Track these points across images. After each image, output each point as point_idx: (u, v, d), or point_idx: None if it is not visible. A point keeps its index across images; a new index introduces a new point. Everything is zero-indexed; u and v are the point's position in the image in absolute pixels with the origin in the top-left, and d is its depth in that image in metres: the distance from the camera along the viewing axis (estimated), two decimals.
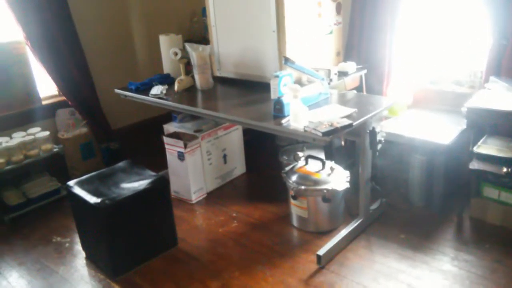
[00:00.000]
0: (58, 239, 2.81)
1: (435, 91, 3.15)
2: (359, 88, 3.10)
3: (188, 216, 2.97)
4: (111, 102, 3.72)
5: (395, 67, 3.16)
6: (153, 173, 2.55)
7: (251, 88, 2.82)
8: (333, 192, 2.55)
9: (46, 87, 3.58)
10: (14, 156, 3.04)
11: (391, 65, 3.15)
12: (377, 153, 2.50)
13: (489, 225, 2.60)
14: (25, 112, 3.38)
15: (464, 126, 2.70)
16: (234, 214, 2.93)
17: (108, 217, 2.27)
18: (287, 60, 2.37)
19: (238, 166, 3.45)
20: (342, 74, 2.87)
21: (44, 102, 3.53)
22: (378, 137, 2.44)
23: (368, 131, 2.40)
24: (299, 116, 2.13)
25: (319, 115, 2.24)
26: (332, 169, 2.63)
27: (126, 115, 4.00)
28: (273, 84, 2.53)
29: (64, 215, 3.03)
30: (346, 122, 2.10)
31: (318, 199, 2.57)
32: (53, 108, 3.56)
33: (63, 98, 3.54)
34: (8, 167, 3.01)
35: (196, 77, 2.93)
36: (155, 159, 3.47)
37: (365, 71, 3.06)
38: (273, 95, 2.55)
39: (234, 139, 3.38)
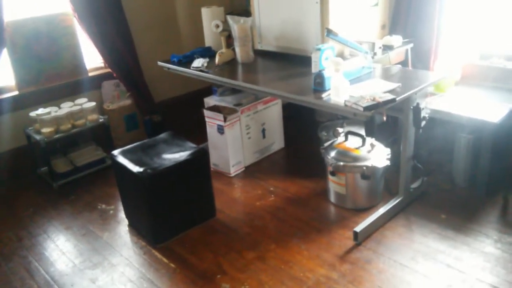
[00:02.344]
0: (103, 206, 2.93)
1: (484, 67, 2.99)
2: (404, 63, 2.99)
3: (227, 188, 3.01)
4: (154, 75, 3.79)
5: (443, 42, 3.02)
6: (194, 145, 2.59)
7: (292, 62, 2.78)
8: (373, 169, 2.50)
9: (93, 59, 3.68)
10: (62, 125, 3.17)
11: (438, 39, 3.01)
12: (421, 130, 2.42)
13: None
14: (72, 83, 3.50)
15: None
16: (271, 188, 2.95)
17: (149, 186, 2.34)
18: (329, 32, 2.31)
19: (276, 141, 3.45)
20: (387, 48, 2.78)
21: (90, 74, 3.64)
22: (422, 114, 2.36)
23: (411, 107, 2.33)
24: (340, 90, 2.09)
25: (361, 90, 2.19)
26: (372, 146, 2.58)
27: (168, 88, 4.06)
28: (314, 57, 2.49)
29: (109, 184, 3.15)
30: (389, 97, 2.04)
31: (356, 176, 2.54)
32: (99, 79, 3.66)
33: (109, 70, 3.63)
34: (57, 135, 3.14)
35: (237, 50, 2.92)
36: (195, 131, 3.52)
37: (411, 45, 2.94)
38: (314, 69, 2.51)
39: (273, 113, 3.37)
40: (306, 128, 3.68)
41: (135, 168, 2.36)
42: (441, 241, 2.31)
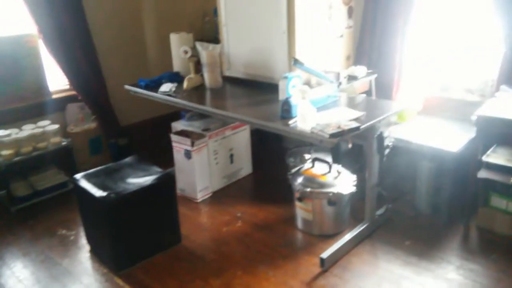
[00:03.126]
0: (64, 231, 2.83)
1: (445, 99, 3.12)
2: (368, 93, 3.08)
3: (193, 214, 2.97)
4: (121, 98, 3.74)
5: (405, 73, 3.14)
6: (160, 170, 2.56)
7: (260, 89, 2.82)
8: (339, 195, 2.54)
9: (57, 81, 3.61)
10: (23, 148, 3.07)
11: (401, 71, 3.13)
12: (385, 158, 2.48)
13: (496, 235, 2.57)
14: (35, 105, 3.41)
15: (474, 135, 2.68)
16: (238, 214, 2.93)
17: (113, 211, 2.28)
18: (296, 61, 2.37)
19: (244, 166, 3.45)
20: (351, 78, 2.87)
21: (54, 96, 3.56)
22: (386, 142, 2.43)
23: (375, 136, 2.39)
24: (306, 117, 2.12)
25: (327, 117, 2.23)
26: (338, 172, 2.62)
27: (135, 112, 4.02)
28: (281, 85, 2.53)
29: (70, 209, 3.04)
30: (354, 124, 2.09)
31: (323, 202, 2.56)
32: (63, 102, 3.59)
33: (73, 92, 3.56)
34: (17, 158, 3.04)
35: (205, 75, 2.93)
36: (162, 156, 3.48)
37: (374, 75, 3.04)
38: (281, 96, 2.55)
39: (241, 139, 3.38)
40: (274, 154, 3.70)
41: (98, 193, 2.30)
42: (406, 267, 2.34)
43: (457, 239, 2.58)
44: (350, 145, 2.14)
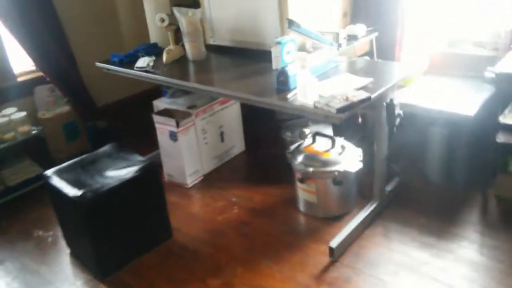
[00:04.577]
0: (40, 233, 2.54)
1: (453, 55, 2.81)
2: (369, 54, 2.77)
3: (184, 202, 2.69)
4: (94, 76, 3.36)
5: (408, 29, 2.82)
6: (142, 158, 2.25)
7: (250, 57, 2.49)
8: (345, 174, 2.26)
9: (21, 62, 3.22)
10: None
11: (404, 26, 2.80)
12: (395, 129, 2.20)
13: None
14: None
15: (488, 94, 2.40)
16: (234, 199, 2.66)
17: (90, 211, 1.99)
18: (291, 23, 2.04)
19: (236, 144, 3.15)
20: (351, 38, 2.54)
21: (19, 79, 3.19)
22: (396, 111, 2.13)
23: (385, 104, 2.09)
24: (307, 90, 1.81)
25: (330, 88, 1.92)
26: (343, 147, 2.33)
27: (112, 90, 3.66)
28: (274, 52, 2.22)
29: (47, 205, 2.66)
30: (363, 95, 1.79)
31: (328, 182, 2.29)
32: (30, 85, 3.21)
33: (41, 73, 3.19)
34: None
35: (187, 46, 2.58)
36: (146, 137, 3.16)
37: (375, 34, 2.72)
38: (275, 65, 2.24)
39: (231, 114, 3.06)
40: (268, 128, 3.40)
41: (72, 191, 2.00)
42: (423, 250, 2.11)
43: (476, 212, 2.35)
44: (360, 119, 1.84)
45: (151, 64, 2.54)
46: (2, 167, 2.95)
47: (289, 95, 1.91)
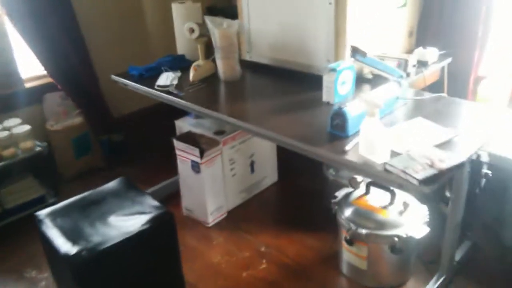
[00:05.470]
0: (33, 273, 2.16)
1: None
2: (437, 85, 2.28)
3: (203, 247, 2.27)
4: (112, 84, 2.97)
5: (488, 53, 2.32)
6: (156, 203, 1.83)
7: (293, 81, 2.06)
8: (407, 239, 1.79)
9: (30, 67, 2.85)
10: None
11: (483, 50, 2.31)
12: (477, 190, 1.71)
13: None
14: (2, 98, 2.68)
15: None
16: (262, 249, 2.22)
17: (86, 274, 1.58)
18: (356, 51, 1.57)
19: (268, 174, 2.71)
20: (420, 65, 2.07)
21: (27, 85, 2.82)
22: (483, 169, 1.65)
23: (470, 160, 1.61)
24: (376, 145, 1.35)
25: (404, 140, 1.46)
26: (405, 205, 1.86)
27: (130, 100, 3.26)
28: (327, 81, 1.77)
29: None
30: (454, 159, 1.31)
31: (383, 248, 1.82)
32: (39, 92, 2.85)
33: (51, 80, 2.81)
34: None
35: (219, 62, 2.15)
36: (166, 155, 2.73)
37: (449, 60, 2.24)
38: (326, 97, 1.80)
39: (264, 141, 2.62)
40: (307, 160, 2.94)
41: (65, 247, 1.59)
42: None
43: None
44: (447, 194, 1.38)
45: (175, 82, 2.12)
46: (1, 184, 2.58)
47: (348, 146, 1.45)
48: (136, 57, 2.72)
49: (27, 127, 2.53)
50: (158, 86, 2.11)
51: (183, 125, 2.56)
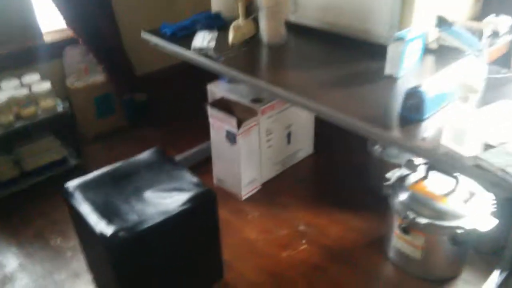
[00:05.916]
0: (58, 241, 2.04)
1: None
2: (503, 60, 2.04)
3: (237, 221, 2.13)
4: (136, 39, 2.74)
5: None
6: (195, 179, 1.66)
7: (345, 48, 1.83)
8: (471, 232, 1.63)
9: (50, 19, 2.63)
10: (0, 117, 2.19)
11: None
12: None
13: None
14: (20, 51, 2.49)
15: None
16: (301, 227, 2.08)
17: (123, 256, 1.45)
18: (442, 21, 1.35)
19: (304, 146, 2.54)
20: (493, 36, 1.83)
21: (47, 39, 2.61)
22: None
23: None
24: (466, 135, 1.16)
25: (493, 128, 1.26)
26: (471, 193, 1.68)
27: (156, 57, 3.03)
28: (393, 51, 1.55)
29: None
30: None
31: (442, 239, 1.67)
32: (59, 46, 2.64)
33: (72, 33, 2.59)
34: None
35: (262, 23, 1.92)
36: (194, 118, 2.56)
37: None
38: (390, 69, 1.59)
39: (303, 111, 2.42)
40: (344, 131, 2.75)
41: (100, 225, 1.45)
42: None
43: None
44: None
45: (212, 44, 1.90)
46: (20, 144, 2.42)
47: (426, 133, 1.26)
48: (163, 10, 2.47)
49: (47, 85, 2.34)
50: (195, 49, 1.90)
51: (216, 89, 2.36)
